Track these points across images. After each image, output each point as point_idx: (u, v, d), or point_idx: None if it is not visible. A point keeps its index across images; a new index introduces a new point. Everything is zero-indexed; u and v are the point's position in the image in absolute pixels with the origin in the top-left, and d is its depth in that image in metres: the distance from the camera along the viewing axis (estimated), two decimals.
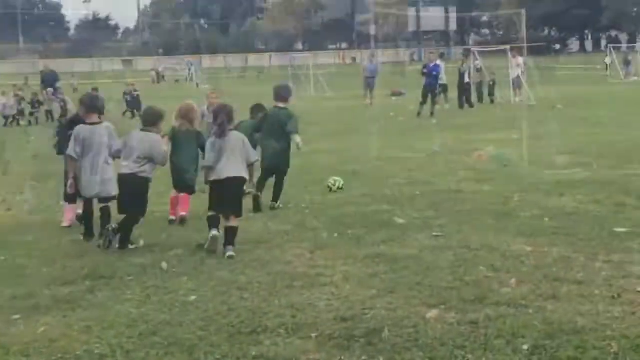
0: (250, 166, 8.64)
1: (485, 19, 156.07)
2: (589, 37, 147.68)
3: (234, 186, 8.46)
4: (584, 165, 14.20)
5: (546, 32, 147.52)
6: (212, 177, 8.50)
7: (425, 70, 28.38)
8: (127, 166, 8.83)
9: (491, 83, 34.77)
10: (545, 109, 28.63)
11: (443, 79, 29.23)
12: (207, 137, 9.09)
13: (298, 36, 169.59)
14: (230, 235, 8.31)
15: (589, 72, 61.64)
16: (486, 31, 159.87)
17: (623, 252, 7.90)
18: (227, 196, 8.40)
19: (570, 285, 6.81)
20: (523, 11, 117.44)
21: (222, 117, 8.59)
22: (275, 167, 11.00)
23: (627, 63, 54.13)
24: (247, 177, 8.59)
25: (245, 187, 8.74)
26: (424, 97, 27.78)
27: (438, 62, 28.91)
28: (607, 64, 60.85)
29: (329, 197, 11.63)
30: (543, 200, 10.89)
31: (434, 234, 8.91)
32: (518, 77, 34.36)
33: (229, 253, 8.14)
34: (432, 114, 27.20)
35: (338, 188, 12.22)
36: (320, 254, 8.16)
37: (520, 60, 35.85)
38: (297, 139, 10.95)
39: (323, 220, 9.87)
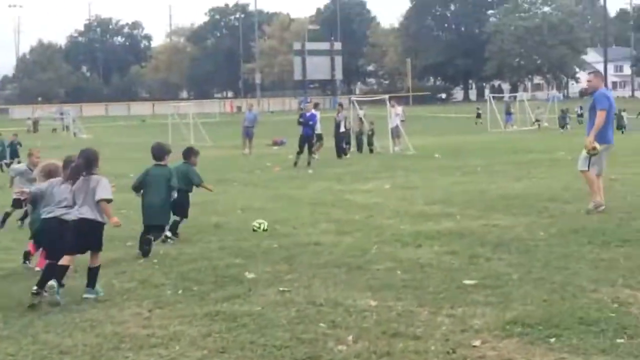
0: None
1: (371, 68, 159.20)
2: (473, 87, 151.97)
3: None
4: (449, 215, 14.29)
5: (431, 81, 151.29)
6: None
7: (301, 120, 28.44)
8: None
9: (370, 132, 35.09)
10: (423, 158, 29.10)
11: (318, 128, 29.31)
12: None
13: (183, 85, 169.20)
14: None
15: (470, 121, 63.17)
16: (372, 80, 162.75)
17: (467, 305, 7.83)
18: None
19: (407, 341, 6.68)
20: (408, 60, 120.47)
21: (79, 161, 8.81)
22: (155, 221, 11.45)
23: (508, 112, 55.42)
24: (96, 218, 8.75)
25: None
26: (301, 146, 27.80)
27: (313, 111, 29.01)
28: (479, 113, 62.62)
29: (184, 251, 11.31)
30: (400, 252, 10.82)
31: (281, 289, 8.70)
32: (397, 126, 34.78)
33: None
34: (308, 163, 27.22)
35: (264, 230, 12.66)
36: (158, 313, 7.84)
37: (399, 109, 36.37)
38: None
39: (171, 276, 9.57)
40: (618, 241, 11.08)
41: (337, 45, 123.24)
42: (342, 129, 30.83)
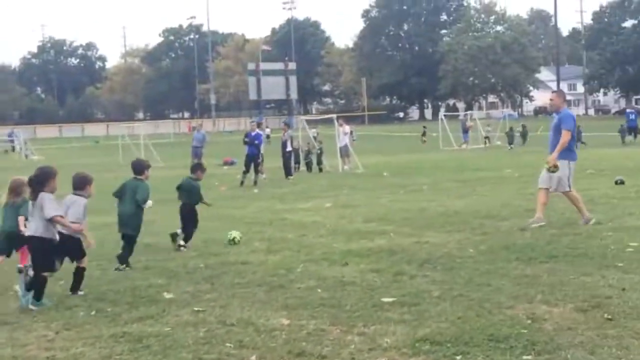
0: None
1: (327, 88, 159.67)
2: (429, 106, 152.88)
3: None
4: (384, 233, 14.24)
5: (387, 100, 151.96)
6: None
7: (247, 139, 28.32)
8: None
9: (318, 152, 35.08)
10: (371, 177, 29.12)
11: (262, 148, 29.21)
12: None
13: (139, 105, 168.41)
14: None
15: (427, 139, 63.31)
16: (328, 99, 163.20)
17: (380, 323, 7.75)
18: None
19: None
20: (363, 80, 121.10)
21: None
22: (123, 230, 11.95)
23: (465, 131, 55.41)
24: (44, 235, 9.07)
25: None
26: (247, 166, 27.71)
27: (258, 130, 28.92)
28: (424, 132, 63.14)
29: (108, 271, 11.12)
30: (325, 270, 10.73)
31: (196, 309, 8.55)
32: (346, 145, 34.80)
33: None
34: (255, 182, 27.10)
35: (235, 242, 13.35)
36: (65, 335, 7.65)
37: (347, 128, 36.38)
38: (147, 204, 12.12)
39: (88, 297, 9.38)
40: (545, 257, 11.10)
41: (292, 65, 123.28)
42: (289, 148, 30.72)
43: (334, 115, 37.73)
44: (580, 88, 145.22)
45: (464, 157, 40.87)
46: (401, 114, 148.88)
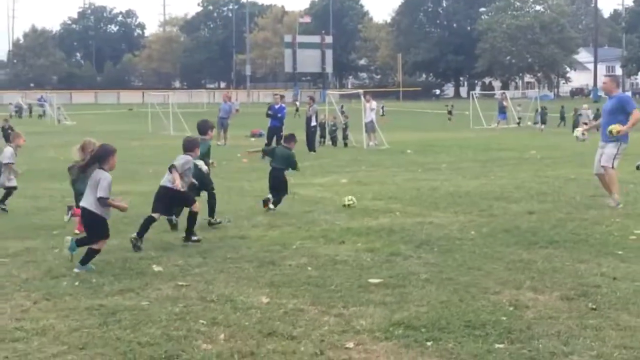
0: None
1: (363, 62, 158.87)
2: (465, 84, 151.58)
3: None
4: (390, 211, 14.16)
5: (423, 77, 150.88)
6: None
7: (270, 112, 28.24)
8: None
9: (344, 126, 34.94)
10: (394, 154, 28.95)
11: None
12: None
13: (176, 74, 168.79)
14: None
15: (456, 117, 62.77)
16: (364, 74, 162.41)
17: (360, 305, 7.69)
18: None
19: (280, 341, 6.53)
20: (399, 56, 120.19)
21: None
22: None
23: (501, 110, 54.69)
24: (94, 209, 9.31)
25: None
26: (269, 138, 27.66)
27: (282, 104, 28.81)
28: (449, 110, 62.59)
29: (109, 242, 11.11)
30: (320, 248, 10.67)
31: (179, 283, 8.54)
32: (371, 121, 34.58)
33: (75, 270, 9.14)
34: None
35: (352, 205, 14.58)
36: (42, 305, 7.65)
37: (374, 104, 36.15)
38: (198, 163, 12.44)
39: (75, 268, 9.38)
40: (545, 242, 10.96)
41: (328, 39, 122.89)
42: (314, 123, 30.48)
43: (361, 91, 37.49)
44: (619, 70, 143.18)
45: (492, 137, 40.46)
46: (437, 91, 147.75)
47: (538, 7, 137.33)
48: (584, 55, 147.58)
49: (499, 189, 17.41)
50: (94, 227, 9.37)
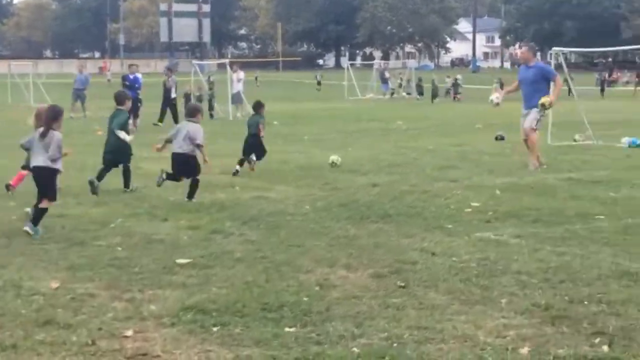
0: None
1: (243, 32, 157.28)
2: (346, 54, 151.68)
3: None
4: (230, 185, 13.74)
5: (305, 47, 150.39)
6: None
7: (126, 83, 27.31)
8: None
9: (209, 98, 34.27)
10: None
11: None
12: None
13: (47, 43, 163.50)
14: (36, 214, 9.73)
15: (333, 88, 62.55)
16: (244, 44, 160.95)
17: (159, 288, 7.25)
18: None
19: (54, 331, 6.02)
20: (279, 25, 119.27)
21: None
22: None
23: (384, 80, 54.82)
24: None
25: None
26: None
27: (137, 74, 27.89)
28: (319, 81, 62.68)
29: None
30: (140, 226, 10.18)
31: None
32: (238, 92, 33.97)
33: (25, 228, 9.49)
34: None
35: (337, 164, 16.18)
36: None
37: (242, 74, 35.49)
38: (120, 134, 13.11)
39: None
40: (377, 217, 10.73)
41: (206, 8, 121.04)
42: (173, 95, 29.38)
43: (227, 60, 36.85)
44: (498, 41, 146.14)
45: (365, 108, 40.43)
46: (320, 62, 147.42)
47: None
48: (464, 26, 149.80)
49: (353, 161, 17.23)
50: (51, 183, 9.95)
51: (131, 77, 27.36)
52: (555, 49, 22.15)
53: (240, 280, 7.46)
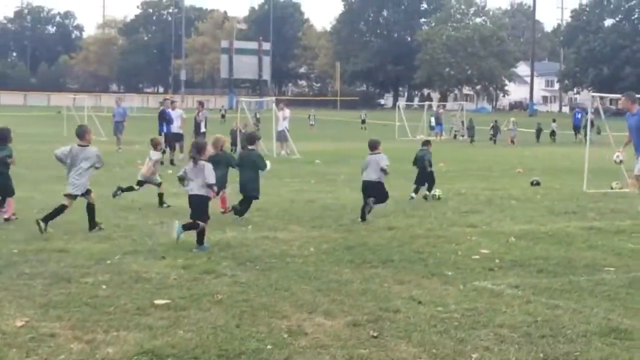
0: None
1: (302, 70, 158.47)
2: (404, 94, 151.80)
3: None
4: (245, 225, 13.64)
5: (363, 86, 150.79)
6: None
7: (167, 117, 27.51)
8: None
9: (243, 131, 34.36)
10: (301, 164, 28.46)
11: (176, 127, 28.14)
12: None
13: (113, 78, 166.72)
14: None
15: (387, 128, 62.25)
16: (303, 82, 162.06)
17: (125, 329, 7.12)
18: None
19: None
20: (337, 64, 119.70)
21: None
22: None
23: (438, 123, 54.22)
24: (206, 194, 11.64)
25: None
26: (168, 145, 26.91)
27: (178, 109, 28.12)
28: (363, 119, 62.58)
29: None
30: (136, 263, 10.11)
31: None
32: (283, 130, 34.05)
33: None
34: (172, 161, 26.34)
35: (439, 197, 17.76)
36: None
37: (287, 112, 35.61)
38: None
39: None
40: (379, 261, 10.58)
41: (266, 46, 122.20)
42: (203, 129, 29.48)
43: (273, 98, 37.00)
44: (557, 85, 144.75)
45: (411, 149, 39.92)
46: (381, 101, 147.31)
47: (478, 20, 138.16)
48: (523, 69, 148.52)
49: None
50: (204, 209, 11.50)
51: (168, 111, 27.54)
52: (594, 94, 21.73)
53: (210, 324, 7.31)
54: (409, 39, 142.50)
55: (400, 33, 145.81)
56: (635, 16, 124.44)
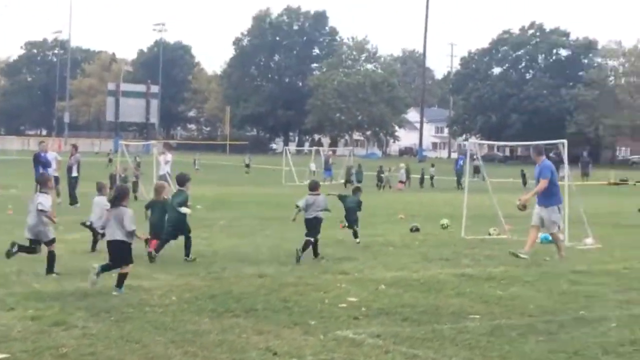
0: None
1: (192, 114, 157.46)
2: (295, 139, 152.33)
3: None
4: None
5: (255, 131, 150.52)
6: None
7: (43, 161, 26.62)
8: None
9: (135, 179, 33.70)
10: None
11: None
12: None
13: None
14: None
15: (275, 173, 62.02)
16: (193, 126, 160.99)
17: None
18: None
19: None
20: (227, 108, 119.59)
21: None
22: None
23: (328, 168, 54.16)
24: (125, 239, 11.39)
25: None
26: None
27: (51, 152, 27.29)
28: (247, 163, 62.42)
29: None
30: None
31: None
32: (165, 175, 33.38)
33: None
34: None
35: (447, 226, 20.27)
36: None
37: (170, 156, 34.96)
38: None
39: None
40: (242, 311, 10.34)
41: (154, 89, 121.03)
42: (74, 174, 28.48)
43: (154, 142, 36.39)
44: (447, 131, 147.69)
45: (295, 194, 39.72)
46: (274, 145, 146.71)
47: (369, 66, 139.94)
48: (413, 115, 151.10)
49: (252, 249, 16.74)
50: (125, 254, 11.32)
51: (43, 154, 26.67)
52: (471, 141, 22.03)
53: None
54: (300, 83, 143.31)
55: (292, 78, 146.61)
56: (522, 65, 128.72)
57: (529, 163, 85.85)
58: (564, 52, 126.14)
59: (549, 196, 16.18)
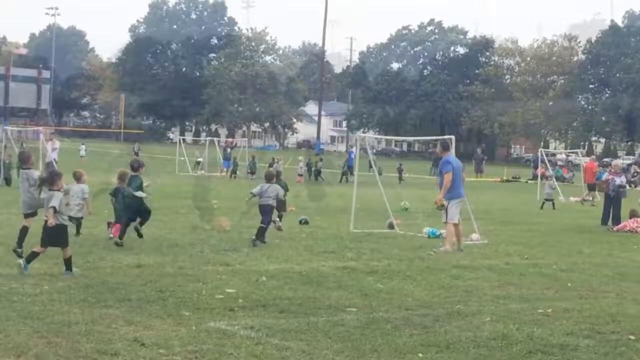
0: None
1: (86, 101, 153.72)
2: (192, 129, 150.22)
3: None
4: None
5: (151, 120, 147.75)
6: None
7: None
8: None
9: (7, 162, 32.78)
10: None
11: None
12: None
13: None
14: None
15: (170, 162, 61.09)
16: (87, 113, 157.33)
17: None
18: None
19: None
20: (122, 96, 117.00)
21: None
22: None
23: (226, 158, 53.67)
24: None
25: None
26: None
27: None
28: (136, 152, 61.54)
29: None
30: None
31: None
32: (52, 162, 32.65)
33: None
34: None
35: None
36: None
37: (57, 143, 34.25)
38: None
39: None
40: (115, 301, 10.09)
41: (46, 74, 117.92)
42: None
43: (41, 128, 35.49)
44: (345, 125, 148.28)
45: (190, 184, 39.43)
46: (170, 135, 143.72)
47: (268, 58, 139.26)
48: (312, 108, 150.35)
49: (131, 239, 16.29)
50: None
51: None
52: (359, 134, 22.14)
53: None
54: (198, 73, 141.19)
55: (189, 67, 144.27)
56: (420, 61, 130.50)
57: (426, 159, 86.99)
58: (461, 50, 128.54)
59: (450, 189, 16.59)
